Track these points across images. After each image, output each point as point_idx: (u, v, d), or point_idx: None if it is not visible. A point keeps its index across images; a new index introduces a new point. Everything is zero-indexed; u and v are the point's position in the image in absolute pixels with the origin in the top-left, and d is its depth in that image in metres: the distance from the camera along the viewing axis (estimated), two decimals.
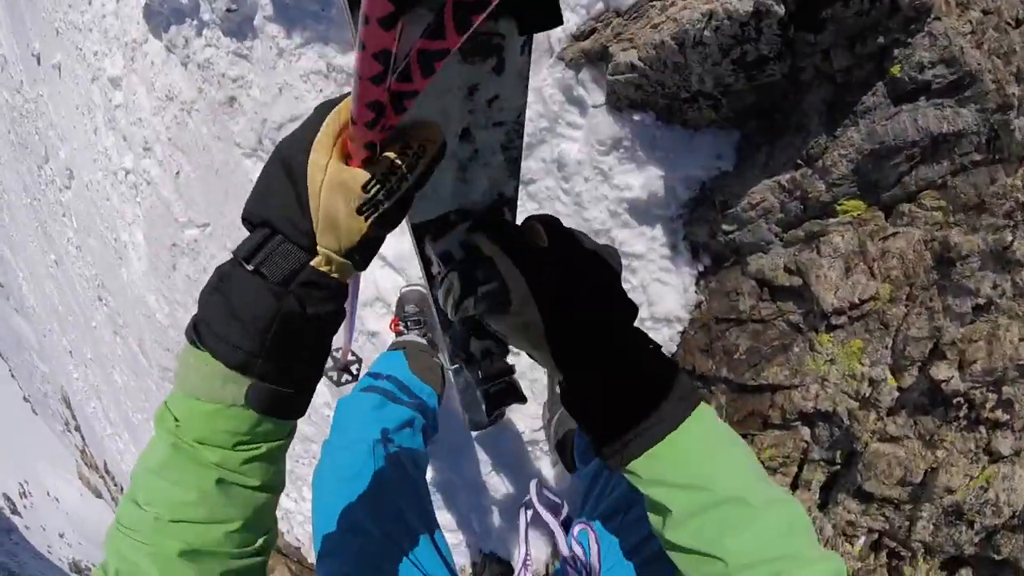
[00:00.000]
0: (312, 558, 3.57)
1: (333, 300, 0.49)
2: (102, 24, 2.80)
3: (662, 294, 1.79)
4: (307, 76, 2.15)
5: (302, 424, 2.97)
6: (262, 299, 0.45)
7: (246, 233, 0.49)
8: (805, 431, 1.69)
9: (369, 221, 0.45)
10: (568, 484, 2.03)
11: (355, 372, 1.17)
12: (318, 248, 0.45)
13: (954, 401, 1.48)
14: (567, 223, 0.64)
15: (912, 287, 1.49)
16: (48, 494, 10.29)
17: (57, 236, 4.42)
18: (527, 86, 0.58)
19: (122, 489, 6.55)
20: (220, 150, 2.48)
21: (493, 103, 0.58)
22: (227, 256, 0.50)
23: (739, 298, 1.69)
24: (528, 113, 1.02)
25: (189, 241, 2.73)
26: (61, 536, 10.92)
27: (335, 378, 1.14)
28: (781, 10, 1.22)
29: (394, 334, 1.97)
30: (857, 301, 1.51)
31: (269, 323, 0.46)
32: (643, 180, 1.58)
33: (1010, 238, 1.37)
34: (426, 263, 0.78)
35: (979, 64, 1.27)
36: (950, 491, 1.51)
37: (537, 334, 0.58)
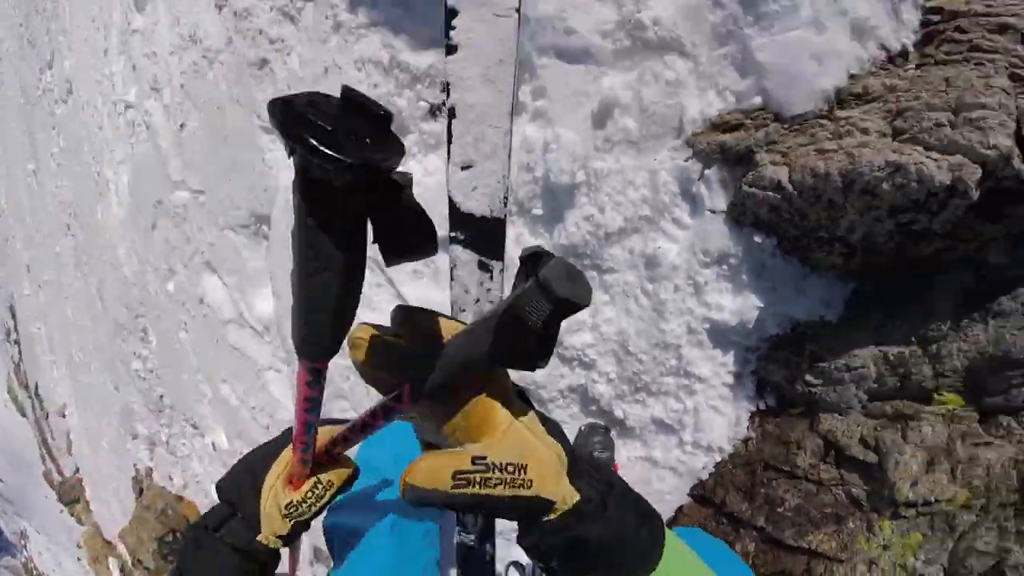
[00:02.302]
0: None
1: (272, 556, 0.73)
2: None
3: (711, 422, 1.59)
4: (363, 63, 1.84)
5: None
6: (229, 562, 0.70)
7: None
8: None
9: (290, 523, 0.70)
10: None
11: None
12: (261, 530, 0.69)
13: None
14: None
15: (989, 501, 1.35)
16: None
17: (42, 147, 3.95)
18: None
19: (47, 416, 5.99)
20: (236, 115, 2.14)
21: None
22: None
23: (799, 453, 1.50)
24: (631, 194, 1.10)
25: (177, 204, 2.38)
26: None
27: None
28: (975, 195, 1.01)
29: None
30: (932, 500, 1.35)
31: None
32: (737, 305, 1.36)
33: None
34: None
35: None
36: None
37: None
